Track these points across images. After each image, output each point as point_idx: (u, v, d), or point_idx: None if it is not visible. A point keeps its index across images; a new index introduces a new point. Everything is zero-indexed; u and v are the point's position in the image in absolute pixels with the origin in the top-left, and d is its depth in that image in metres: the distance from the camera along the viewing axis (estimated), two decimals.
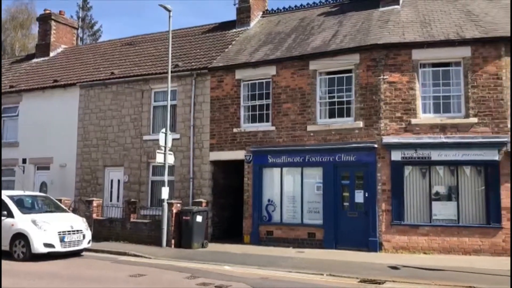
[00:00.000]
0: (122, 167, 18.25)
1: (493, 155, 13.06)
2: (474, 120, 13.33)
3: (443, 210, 13.38)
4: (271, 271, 10.79)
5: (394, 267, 11.11)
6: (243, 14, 19.74)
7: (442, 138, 13.44)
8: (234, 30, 19.61)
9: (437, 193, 13.53)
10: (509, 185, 12.94)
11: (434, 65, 14.05)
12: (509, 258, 12.48)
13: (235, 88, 16.44)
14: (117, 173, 18.46)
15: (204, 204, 15.27)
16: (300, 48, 16.05)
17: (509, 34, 13.54)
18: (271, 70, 15.88)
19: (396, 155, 13.70)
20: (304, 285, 9.49)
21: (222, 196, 16.96)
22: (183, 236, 14.48)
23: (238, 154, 16.03)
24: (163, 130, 15.06)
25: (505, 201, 12.88)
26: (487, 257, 12.64)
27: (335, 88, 15.03)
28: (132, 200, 16.40)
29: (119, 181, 18.46)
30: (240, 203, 16.03)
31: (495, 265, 11.40)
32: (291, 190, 15.27)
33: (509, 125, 13.11)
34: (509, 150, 12.95)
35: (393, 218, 13.53)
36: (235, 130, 16.21)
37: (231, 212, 17.01)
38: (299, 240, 14.66)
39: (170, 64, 15.95)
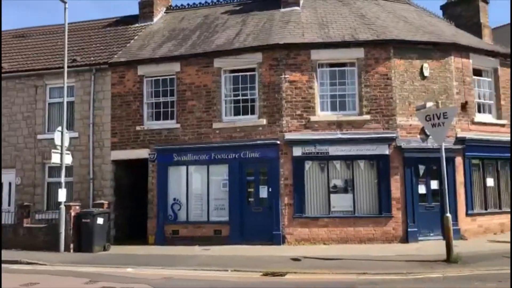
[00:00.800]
0: (14, 169, 16.91)
1: (384, 150, 14.07)
2: (367, 117, 14.26)
3: (341, 202, 14.17)
4: (176, 271, 10.65)
5: (296, 259, 11.54)
6: (146, 8, 19.22)
7: (338, 134, 14.21)
8: (137, 24, 19.02)
9: (334, 186, 14.29)
10: (398, 177, 14.06)
11: (331, 65, 14.80)
12: (398, 244, 13.60)
13: (137, 84, 15.97)
14: (9, 175, 17.02)
15: (105, 206, 14.64)
16: (205, 45, 16.02)
17: (397, 38, 14.69)
18: (175, 67, 15.65)
19: (297, 151, 14.23)
20: (207, 283, 9.49)
21: (126, 197, 16.39)
22: (83, 240, 13.79)
23: (142, 153, 15.61)
24: (59, 128, 14.23)
25: (394, 192, 13.96)
26: (380, 244, 13.60)
27: (240, 86, 15.23)
28: (25, 203, 15.26)
29: (10, 184, 17.07)
30: (145, 203, 15.61)
31: (387, 251, 12.30)
32: (197, 188, 15.20)
33: (397, 122, 14.21)
34: (398, 144, 14.06)
35: (295, 212, 14.05)
36: (138, 128, 15.76)
37: (136, 212, 16.47)
38: (206, 237, 14.63)
39: (66, 58, 15.07)
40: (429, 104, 11.58)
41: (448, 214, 10.94)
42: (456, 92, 14.90)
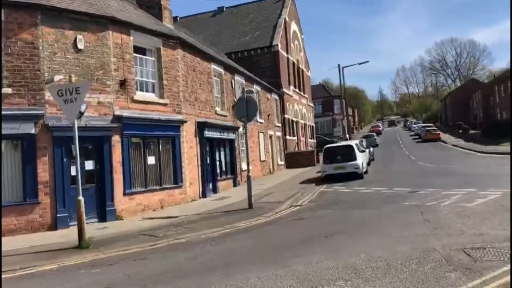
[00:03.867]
0: None
1: (30, 129, 12.42)
2: (8, 90, 12.26)
3: None
4: None
5: None
6: None
7: None
8: None
9: None
10: (47, 158, 12.68)
11: None
12: (46, 232, 12.33)
13: None
14: None
15: None
16: None
17: (46, 4, 13.11)
18: None
19: None
20: None
21: None
22: None
23: None
24: None
25: (42, 176, 12.54)
26: (23, 235, 11.99)
27: None
28: None
29: None
30: None
31: (23, 243, 10.84)
32: None
33: (46, 97, 12.73)
34: (46, 122, 12.64)
35: None
36: None
37: None
38: None
39: None
40: (58, 78, 10.56)
41: (80, 198, 10.15)
42: (115, 69, 14.39)
